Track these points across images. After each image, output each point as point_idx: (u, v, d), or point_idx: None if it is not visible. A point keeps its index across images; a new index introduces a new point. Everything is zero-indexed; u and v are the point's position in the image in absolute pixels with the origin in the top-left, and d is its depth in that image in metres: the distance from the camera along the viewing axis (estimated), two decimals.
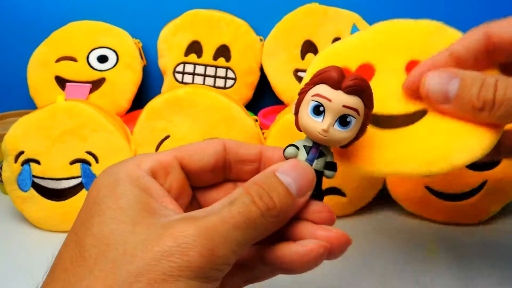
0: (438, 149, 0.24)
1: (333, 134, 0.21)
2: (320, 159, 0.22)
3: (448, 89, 0.23)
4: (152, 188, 0.21)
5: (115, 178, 0.20)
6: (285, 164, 0.21)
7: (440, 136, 0.24)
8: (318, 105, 0.21)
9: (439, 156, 0.23)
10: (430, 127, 0.25)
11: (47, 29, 0.58)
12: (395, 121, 0.27)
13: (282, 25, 0.54)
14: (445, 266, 0.37)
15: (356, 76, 0.21)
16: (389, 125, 0.27)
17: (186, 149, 0.24)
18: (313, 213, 0.22)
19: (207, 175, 0.24)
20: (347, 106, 0.21)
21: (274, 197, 0.20)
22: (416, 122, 0.26)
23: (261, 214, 0.19)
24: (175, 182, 0.23)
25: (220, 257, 0.18)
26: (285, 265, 0.20)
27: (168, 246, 0.17)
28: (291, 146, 0.22)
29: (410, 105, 0.27)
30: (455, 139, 0.24)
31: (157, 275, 0.16)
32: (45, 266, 0.20)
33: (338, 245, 0.20)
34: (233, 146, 0.25)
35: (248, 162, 0.25)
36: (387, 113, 0.27)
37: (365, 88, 0.21)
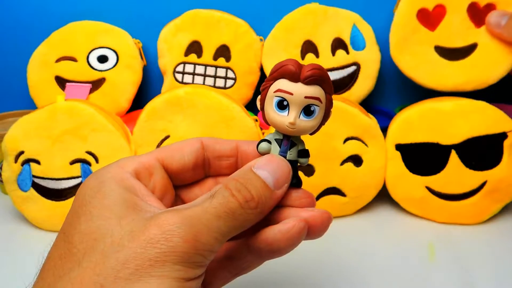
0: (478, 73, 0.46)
1: (300, 125, 0.22)
2: (292, 149, 0.23)
3: (501, 21, 0.43)
4: (136, 188, 0.22)
5: (100, 180, 0.21)
6: (261, 159, 0.22)
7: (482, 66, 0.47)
8: (282, 100, 0.22)
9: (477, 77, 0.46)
10: (478, 59, 0.47)
11: (47, 29, 0.58)
12: (457, 53, 0.47)
13: (282, 25, 0.54)
14: (445, 266, 0.37)
15: (312, 66, 0.22)
16: (452, 57, 0.48)
17: (166, 150, 0.25)
18: (295, 200, 0.23)
19: (188, 173, 0.25)
20: (309, 97, 0.22)
21: (252, 190, 0.21)
22: (470, 55, 0.47)
23: (240, 206, 0.20)
24: (158, 183, 0.24)
25: (203, 243, 0.18)
26: (271, 246, 0.21)
27: (154, 234, 0.18)
28: (264, 141, 0.24)
29: (468, 39, 0.47)
30: (492, 65, 0.46)
31: (144, 261, 0.17)
32: None
33: (321, 222, 0.22)
34: (210, 143, 0.26)
35: (225, 157, 0.26)
36: (452, 46, 0.48)
37: (323, 76, 0.22)
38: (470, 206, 0.42)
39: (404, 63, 0.49)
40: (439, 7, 0.47)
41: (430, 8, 0.48)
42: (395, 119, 0.44)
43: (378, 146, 0.43)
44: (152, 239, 0.18)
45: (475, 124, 0.41)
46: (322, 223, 0.22)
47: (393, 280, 0.35)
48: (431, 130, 0.42)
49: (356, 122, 0.42)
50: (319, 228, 0.22)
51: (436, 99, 0.45)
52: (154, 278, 0.17)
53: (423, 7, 0.48)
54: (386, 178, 0.44)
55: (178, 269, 0.18)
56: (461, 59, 0.48)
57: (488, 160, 0.41)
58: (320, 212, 0.22)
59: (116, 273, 0.17)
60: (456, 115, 0.41)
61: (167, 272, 0.17)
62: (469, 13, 0.47)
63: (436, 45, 0.48)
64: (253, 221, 0.21)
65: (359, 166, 0.43)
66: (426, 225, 0.43)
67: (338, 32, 0.53)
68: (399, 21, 0.49)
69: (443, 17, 0.47)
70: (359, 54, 0.53)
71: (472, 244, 0.40)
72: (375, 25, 0.54)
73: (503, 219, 0.44)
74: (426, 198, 0.43)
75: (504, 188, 0.42)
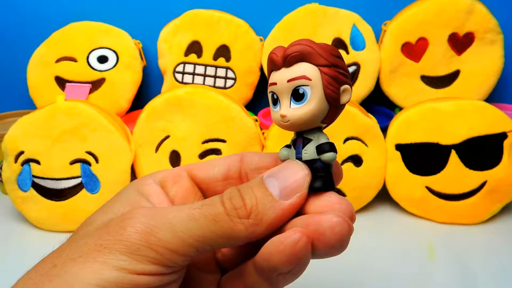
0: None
1: (293, 115, 0.19)
2: (307, 147, 0.20)
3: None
4: (153, 194, 0.22)
5: (127, 185, 0.23)
6: (276, 167, 0.20)
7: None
8: (272, 94, 0.20)
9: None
10: (462, 84, 0.51)
11: (47, 30, 0.58)
12: (442, 80, 0.52)
13: (282, 25, 0.54)
14: (445, 266, 0.37)
15: (292, 43, 0.19)
16: (438, 85, 0.52)
17: (200, 163, 0.25)
18: (322, 207, 0.19)
19: (217, 183, 0.24)
20: (291, 79, 0.18)
21: (247, 199, 0.19)
22: (454, 82, 0.52)
23: (225, 212, 0.18)
24: (180, 190, 0.23)
25: (160, 239, 0.17)
26: (267, 261, 0.18)
27: (115, 223, 0.18)
28: (284, 147, 0.21)
29: (451, 66, 0.52)
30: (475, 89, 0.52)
31: (95, 246, 0.17)
32: None
33: (330, 228, 0.17)
34: (249, 155, 0.24)
35: (263, 169, 0.23)
36: (437, 75, 0.52)
37: (304, 49, 0.18)
38: (470, 206, 0.42)
39: (393, 94, 0.54)
40: (422, 40, 0.52)
41: (413, 42, 0.52)
42: (395, 119, 0.44)
43: (378, 146, 0.43)
44: (111, 226, 0.18)
45: (475, 124, 0.41)
46: (331, 229, 0.17)
47: (393, 279, 0.35)
48: (431, 130, 0.42)
49: (356, 122, 0.42)
50: (329, 238, 0.17)
51: (436, 99, 0.45)
52: (97, 263, 0.17)
53: (407, 41, 0.52)
54: (386, 178, 0.44)
55: (123, 259, 0.17)
56: (446, 86, 0.52)
57: (488, 160, 0.41)
58: (328, 216, 0.18)
59: (70, 255, 0.18)
60: (456, 115, 0.41)
61: (111, 260, 0.17)
62: (450, 42, 0.51)
63: (422, 75, 0.53)
64: (245, 232, 0.18)
65: (359, 166, 0.43)
66: (426, 225, 0.43)
67: (338, 32, 0.53)
68: (386, 55, 0.53)
69: (426, 48, 0.52)
70: (359, 54, 0.53)
71: (472, 244, 0.40)
72: (375, 25, 0.54)
73: (503, 219, 0.44)
74: (426, 198, 0.43)
75: (504, 188, 0.42)
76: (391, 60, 0.52)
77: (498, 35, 0.51)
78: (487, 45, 0.51)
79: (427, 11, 0.51)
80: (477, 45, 0.51)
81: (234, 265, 0.22)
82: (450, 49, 0.51)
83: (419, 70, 0.52)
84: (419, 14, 0.51)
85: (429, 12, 0.51)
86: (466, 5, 0.50)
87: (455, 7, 0.50)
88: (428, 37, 0.51)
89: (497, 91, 0.55)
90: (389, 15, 0.55)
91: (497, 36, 0.51)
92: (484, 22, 0.50)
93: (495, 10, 0.50)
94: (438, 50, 0.51)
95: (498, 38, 0.51)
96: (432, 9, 0.51)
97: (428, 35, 0.51)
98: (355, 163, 0.43)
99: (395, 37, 0.52)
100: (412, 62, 0.52)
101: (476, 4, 0.50)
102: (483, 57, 0.51)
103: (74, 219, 0.42)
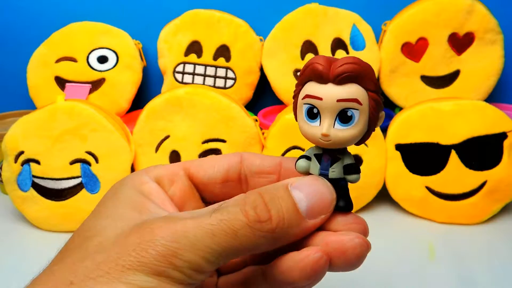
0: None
1: (337, 136, 0.18)
2: (335, 165, 0.19)
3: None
4: (154, 193, 0.21)
5: (122, 182, 0.22)
6: (302, 179, 0.19)
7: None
8: (311, 107, 0.18)
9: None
10: (462, 84, 0.51)
11: (47, 30, 0.58)
12: (442, 80, 0.52)
13: (282, 25, 0.54)
14: (445, 266, 0.37)
15: (345, 60, 0.18)
16: (438, 85, 0.52)
17: (198, 161, 0.24)
18: (340, 225, 0.20)
19: (216, 186, 0.23)
20: (343, 99, 0.18)
21: (272, 210, 0.18)
22: (454, 82, 0.52)
23: (247, 226, 0.17)
24: (178, 191, 0.22)
25: (184, 261, 0.17)
26: (283, 275, 0.19)
27: (133, 241, 0.17)
28: (303, 158, 0.20)
29: (451, 66, 0.51)
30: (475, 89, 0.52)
31: (117, 265, 0.17)
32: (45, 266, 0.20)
33: (352, 249, 0.19)
34: (250, 157, 0.23)
35: (264, 174, 0.23)
36: (437, 75, 0.52)
37: (360, 70, 0.18)
38: (470, 206, 0.42)
39: (394, 94, 0.53)
40: (422, 40, 0.51)
41: (413, 42, 0.52)
42: (395, 119, 0.44)
43: (378, 146, 0.43)
44: (130, 245, 0.17)
45: (475, 124, 0.41)
46: (353, 249, 0.19)
47: (393, 279, 0.35)
48: (431, 130, 0.42)
49: None
50: (349, 257, 0.19)
51: (436, 99, 0.45)
52: (122, 284, 0.17)
53: (407, 41, 0.52)
54: (386, 178, 0.44)
55: (149, 281, 0.17)
56: (446, 86, 0.52)
57: (488, 160, 0.41)
58: (350, 236, 0.19)
59: (88, 272, 0.17)
60: (456, 115, 0.41)
61: (136, 281, 0.17)
62: (450, 42, 0.51)
63: (422, 75, 0.52)
64: (266, 247, 0.18)
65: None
66: (426, 225, 0.43)
67: (338, 32, 0.53)
68: (386, 55, 0.53)
69: (426, 48, 0.52)
70: (359, 54, 0.53)
71: (472, 244, 0.40)
72: (375, 25, 0.54)
73: (503, 219, 0.44)
74: (426, 198, 0.43)
75: (504, 188, 0.42)
76: (391, 60, 0.52)
77: (498, 35, 0.51)
78: (487, 45, 0.51)
79: (427, 11, 0.51)
80: (477, 45, 0.51)
81: (232, 268, 0.22)
82: (450, 49, 0.51)
83: (419, 70, 0.52)
84: (419, 14, 0.51)
85: (429, 12, 0.51)
86: (466, 5, 0.50)
87: (455, 7, 0.50)
88: (428, 37, 0.51)
89: (497, 91, 0.55)
90: (389, 15, 0.55)
91: (497, 36, 0.51)
92: (484, 22, 0.50)
93: (495, 10, 0.50)
94: (438, 50, 0.51)
95: (498, 38, 0.51)
96: (432, 9, 0.51)
97: (428, 35, 0.51)
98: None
99: (395, 37, 0.52)
100: (412, 62, 0.52)
101: (476, 4, 0.50)
102: (483, 57, 0.51)
103: (74, 219, 0.42)
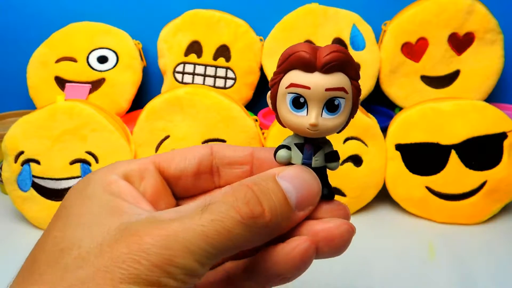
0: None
1: (324, 125, 0.18)
2: (318, 154, 0.19)
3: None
4: (126, 192, 0.19)
5: (86, 183, 0.20)
6: (288, 169, 0.18)
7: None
8: (297, 97, 0.18)
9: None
10: (462, 84, 0.52)
11: (47, 30, 0.58)
12: (442, 80, 0.52)
13: (282, 25, 0.54)
14: (445, 266, 0.37)
15: (330, 48, 0.17)
16: (438, 85, 0.52)
17: (167, 154, 0.22)
18: (325, 213, 0.19)
19: (188, 180, 0.22)
20: (331, 88, 0.17)
21: (265, 204, 0.17)
22: (454, 82, 0.52)
23: (241, 223, 0.16)
24: (150, 187, 0.21)
25: (179, 267, 0.16)
26: (271, 268, 0.18)
27: (121, 253, 0.16)
28: (283, 148, 0.19)
29: (451, 66, 0.51)
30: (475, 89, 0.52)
31: (106, 281, 0.15)
32: None
33: (339, 236, 0.18)
34: (221, 148, 0.22)
35: (237, 165, 0.22)
36: (437, 75, 0.52)
37: (345, 59, 0.17)
38: (470, 206, 0.42)
39: (393, 94, 0.54)
40: (422, 40, 0.52)
41: (413, 42, 0.52)
42: (395, 119, 0.44)
43: (378, 146, 0.43)
44: (119, 257, 0.16)
45: (475, 124, 0.41)
46: (340, 236, 0.18)
47: (393, 279, 0.35)
48: (431, 130, 0.42)
49: (356, 122, 0.42)
50: (337, 243, 0.18)
51: (436, 99, 0.45)
52: None
53: (407, 41, 0.52)
54: (386, 178, 0.44)
55: None
56: (446, 86, 0.52)
57: (488, 160, 0.41)
58: (337, 223, 0.18)
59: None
60: (456, 115, 0.41)
61: None
62: (450, 42, 0.51)
63: (422, 75, 0.53)
64: (259, 242, 0.18)
65: (359, 166, 0.43)
66: (426, 225, 0.43)
67: (338, 32, 0.53)
68: (386, 55, 0.53)
69: (426, 48, 0.52)
70: (359, 54, 0.53)
71: (472, 244, 0.40)
72: (375, 25, 0.54)
73: (503, 219, 0.44)
74: (426, 198, 0.43)
75: (504, 188, 0.42)
76: (391, 60, 0.52)
77: (498, 35, 0.51)
78: (487, 45, 0.51)
79: (427, 11, 0.51)
80: (477, 45, 0.51)
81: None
82: (450, 49, 0.51)
83: (419, 70, 0.52)
84: (419, 14, 0.51)
85: (429, 12, 0.51)
86: (466, 5, 0.50)
87: (455, 7, 0.50)
88: (428, 37, 0.51)
89: (497, 91, 0.55)
90: (389, 15, 0.55)
91: (497, 36, 0.51)
92: (484, 22, 0.50)
93: (495, 10, 0.50)
94: (438, 50, 0.51)
95: (498, 38, 0.51)
96: (432, 9, 0.51)
97: (428, 35, 0.51)
98: (355, 163, 0.43)
99: (395, 37, 0.52)
100: (412, 62, 0.52)
101: (476, 4, 0.50)
102: (483, 57, 0.51)
103: None
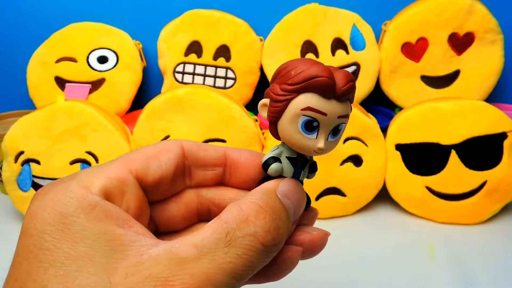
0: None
1: (328, 148, 0.18)
2: (306, 167, 0.20)
3: None
4: (112, 215, 0.16)
5: (63, 212, 0.16)
6: (285, 185, 0.18)
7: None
8: (311, 121, 0.18)
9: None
10: (462, 84, 0.52)
11: (47, 30, 0.58)
12: (442, 80, 0.52)
13: (282, 25, 0.54)
14: (445, 266, 0.37)
15: (347, 77, 0.17)
16: (438, 85, 0.52)
17: (139, 159, 0.19)
18: (308, 220, 0.20)
19: (166, 186, 0.20)
20: (342, 116, 0.18)
21: (281, 228, 0.17)
22: (454, 82, 0.52)
23: (264, 252, 0.16)
24: (132, 202, 0.18)
25: None
26: (261, 272, 0.18)
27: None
28: (275, 162, 0.19)
29: (451, 66, 0.52)
30: (475, 89, 0.52)
31: None
32: None
33: (320, 244, 0.20)
34: (192, 148, 0.21)
35: (210, 167, 0.21)
36: (437, 75, 0.52)
37: (355, 88, 0.18)
38: (470, 206, 0.42)
39: (394, 94, 0.54)
40: (422, 40, 0.52)
41: (414, 42, 0.52)
42: (395, 119, 0.44)
43: (378, 146, 0.43)
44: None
45: (475, 124, 0.41)
46: (322, 244, 0.20)
47: (393, 279, 0.35)
48: (431, 130, 0.42)
49: (356, 122, 0.42)
50: (318, 249, 0.20)
51: (436, 99, 0.45)
52: None
53: (407, 41, 0.52)
54: (386, 178, 0.44)
55: None
56: (446, 86, 0.52)
57: (488, 160, 0.41)
58: (319, 234, 0.19)
59: None
60: (456, 115, 0.41)
61: None
62: (450, 42, 0.51)
63: (422, 75, 0.53)
64: (268, 260, 0.17)
65: (359, 166, 0.43)
66: (426, 225, 0.43)
67: (338, 32, 0.53)
68: (386, 55, 0.53)
69: (426, 48, 0.52)
70: (359, 54, 0.53)
71: (472, 244, 0.40)
72: (375, 25, 0.54)
73: (503, 219, 0.44)
74: (426, 198, 0.43)
75: (504, 188, 0.42)
76: (391, 60, 0.52)
77: (498, 35, 0.51)
78: (487, 45, 0.51)
79: (427, 11, 0.51)
80: (477, 45, 0.51)
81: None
82: (450, 49, 0.51)
83: (419, 70, 0.52)
84: (419, 14, 0.51)
85: (429, 12, 0.51)
86: (466, 5, 0.50)
87: (455, 7, 0.50)
88: (428, 37, 0.51)
89: (497, 91, 0.55)
90: (389, 15, 0.55)
91: (497, 36, 0.51)
92: (484, 22, 0.50)
93: (495, 10, 0.51)
94: (438, 50, 0.52)
95: (498, 38, 0.51)
96: (432, 9, 0.51)
97: (428, 35, 0.51)
98: (355, 163, 0.43)
99: (395, 37, 0.52)
100: (412, 62, 0.52)
101: (476, 4, 0.50)
102: (483, 57, 0.51)
103: None
